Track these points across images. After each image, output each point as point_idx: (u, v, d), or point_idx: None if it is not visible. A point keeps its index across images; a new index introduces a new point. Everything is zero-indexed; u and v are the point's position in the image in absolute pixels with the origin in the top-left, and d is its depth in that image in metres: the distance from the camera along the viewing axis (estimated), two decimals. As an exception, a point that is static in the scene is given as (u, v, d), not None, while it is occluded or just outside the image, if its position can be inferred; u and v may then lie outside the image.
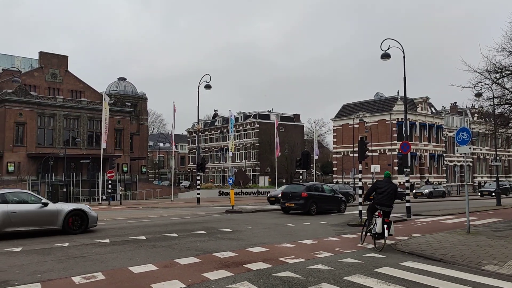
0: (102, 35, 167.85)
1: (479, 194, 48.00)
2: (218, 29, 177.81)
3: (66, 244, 11.03)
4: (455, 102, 75.07)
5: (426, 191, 47.19)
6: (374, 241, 10.87)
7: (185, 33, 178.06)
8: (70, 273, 7.76)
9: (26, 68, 79.43)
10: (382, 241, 10.67)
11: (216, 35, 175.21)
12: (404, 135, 24.03)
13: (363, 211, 18.15)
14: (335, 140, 69.30)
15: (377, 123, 61.37)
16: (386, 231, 10.51)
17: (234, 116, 75.57)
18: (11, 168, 46.85)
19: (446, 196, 48.67)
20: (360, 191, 18.94)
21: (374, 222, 10.92)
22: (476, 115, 67.69)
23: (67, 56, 55.72)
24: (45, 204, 13.13)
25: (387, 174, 12.01)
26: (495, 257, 9.31)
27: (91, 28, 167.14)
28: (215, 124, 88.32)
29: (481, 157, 73.51)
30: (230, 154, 50.89)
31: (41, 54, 53.97)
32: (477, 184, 64.55)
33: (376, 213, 11.13)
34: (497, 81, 19.22)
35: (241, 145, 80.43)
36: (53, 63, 53.76)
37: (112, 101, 51.26)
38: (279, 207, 27.45)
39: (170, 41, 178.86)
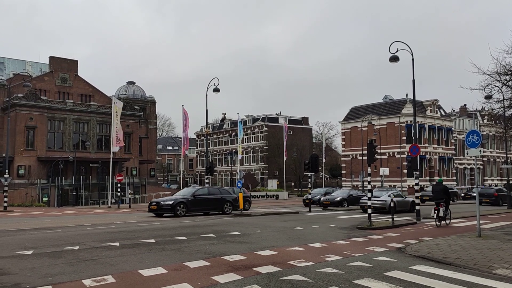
0: (116, 42, 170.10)
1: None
2: (229, 34, 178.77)
3: (77, 247, 11.12)
4: (465, 105, 74.59)
5: (338, 198, 31.84)
6: (439, 222, 17.28)
7: (197, 39, 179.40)
8: (81, 276, 7.82)
9: (37, 72, 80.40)
10: (444, 222, 17.56)
11: (227, 40, 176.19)
12: (413, 137, 23.88)
13: (372, 214, 18.08)
14: (343, 143, 69.11)
15: (386, 125, 61.12)
16: (442, 214, 17.33)
17: (243, 119, 75.88)
18: (21, 172, 47.28)
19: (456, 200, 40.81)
20: (369, 194, 18.85)
21: (436, 211, 17.35)
22: (486, 117, 67.19)
23: (76, 61, 56.17)
24: (404, 197, 27.06)
25: (439, 180, 19.43)
26: (506, 260, 9.23)
27: (106, 35, 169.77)
28: (224, 127, 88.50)
29: (492, 160, 72.88)
30: (239, 157, 50.82)
31: (51, 58, 54.46)
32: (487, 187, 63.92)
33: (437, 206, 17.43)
34: (507, 83, 19.09)
35: (249, 148, 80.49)
36: (63, 67, 54.22)
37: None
38: (289, 210, 27.43)
39: (181, 47, 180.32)
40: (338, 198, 31.06)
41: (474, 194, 40.32)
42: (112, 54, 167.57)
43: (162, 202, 22.83)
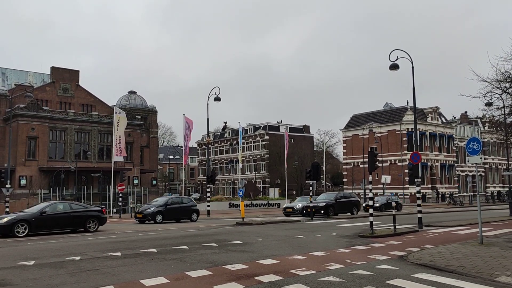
0: (122, 52, 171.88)
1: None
2: (232, 43, 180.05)
3: (78, 258, 11.11)
4: (466, 112, 74.64)
5: (299, 205, 31.75)
6: None
7: (200, 49, 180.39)
8: (83, 286, 7.82)
9: (38, 83, 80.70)
10: None
11: (230, 50, 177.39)
12: (415, 145, 23.91)
13: (374, 222, 18.03)
14: (345, 151, 69.12)
15: (387, 133, 61.15)
16: None
17: (244, 128, 76.04)
18: (23, 182, 47.30)
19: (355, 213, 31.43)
20: (370, 202, 18.82)
21: None
22: (487, 124, 67.15)
23: (78, 71, 56.42)
24: None
25: None
26: (508, 268, 9.20)
27: (112, 46, 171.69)
28: (225, 136, 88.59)
29: (493, 166, 72.74)
30: (240, 166, 50.84)
31: (53, 69, 54.71)
32: (489, 194, 63.74)
33: None
34: (507, 90, 19.12)
35: (250, 157, 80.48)
36: (64, 77, 54.44)
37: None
38: (292, 218, 27.39)
39: (185, 57, 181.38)
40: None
41: (377, 205, 36.29)
42: (117, 64, 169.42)
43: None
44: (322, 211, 29.06)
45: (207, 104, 33.07)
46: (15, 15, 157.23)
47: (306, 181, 30.22)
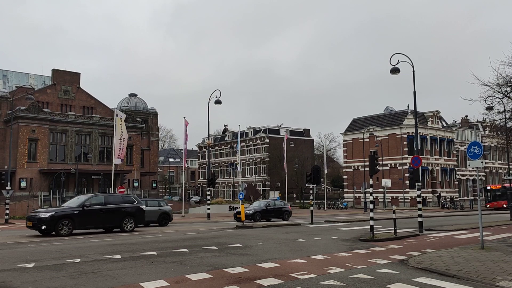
0: (127, 57, 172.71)
1: (234, 216, 31.29)
2: (235, 49, 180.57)
3: (78, 260, 11.09)
4: (466, 116, 74.57)
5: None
6: None
7: (204, 54, 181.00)
8: (82, 289, 7.79)
9: (39, 85, 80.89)
10: None
11: (233, 54, 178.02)
12: (415, 149, 23.88)
13: (374, 226, 17.99)
14: (345, 154, 69.05)
15: (387, 137, 61.11)
16: None
17: (244, 131, 76.10)
18: (23, 184, 47.31)
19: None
20: (371, 206, 18.78)
21: None
22: (487, 128, 67.13)
23: (79, 73, 56.51)
24: None
25: None
26: (509, 273, 9.16)
27: (118, 50, 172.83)
28: (225, 139, 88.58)
29: (494, 171, 72.66)
30: (239, 169, 50.77)
31: (54, 71, 54.79)
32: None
33: None
34: (508, 95, 19.10)
35: (251, 160, 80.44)
36: (65, 80, 54.53)
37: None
38: (292, 222, 27.33)
39: (189, 61, 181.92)
40: None
41: (250, 212, 29.30)
42: (122, 69, 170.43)
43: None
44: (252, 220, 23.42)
45: (208, 107, 33.12)
46: (22, 20, 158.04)
47: (307, 185, 29.99)
